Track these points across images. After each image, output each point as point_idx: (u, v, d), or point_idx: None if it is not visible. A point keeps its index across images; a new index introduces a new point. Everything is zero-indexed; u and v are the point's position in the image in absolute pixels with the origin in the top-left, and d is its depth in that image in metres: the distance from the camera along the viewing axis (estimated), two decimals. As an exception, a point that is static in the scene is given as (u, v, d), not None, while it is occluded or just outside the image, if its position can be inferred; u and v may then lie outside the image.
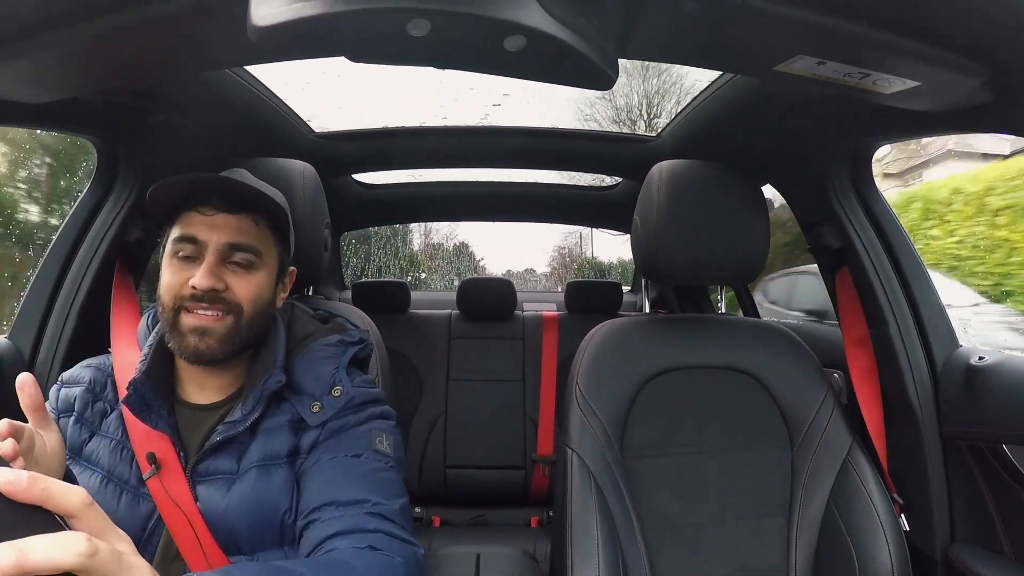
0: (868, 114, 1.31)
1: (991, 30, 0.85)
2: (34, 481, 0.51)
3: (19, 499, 0.50)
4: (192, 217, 1.06)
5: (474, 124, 2.19)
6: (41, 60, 0.94)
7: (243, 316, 1.06)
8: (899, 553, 1.27)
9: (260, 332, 1.11)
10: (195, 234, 1.05)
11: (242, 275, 1.07)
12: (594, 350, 1.45)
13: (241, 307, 1.06)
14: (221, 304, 1.04)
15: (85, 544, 0.49)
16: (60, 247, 1.51)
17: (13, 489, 0.50)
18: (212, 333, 1.03)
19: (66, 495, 0.53)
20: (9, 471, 0.50)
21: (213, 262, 1.04)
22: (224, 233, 1.05)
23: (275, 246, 1.13)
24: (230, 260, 1.06)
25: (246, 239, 1.07)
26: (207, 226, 1.05)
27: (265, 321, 1.12)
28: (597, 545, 1.24)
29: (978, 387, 1.34)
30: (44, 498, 0.51)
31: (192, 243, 1.05)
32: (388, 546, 0.94)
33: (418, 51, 0.74)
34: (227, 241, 1.05)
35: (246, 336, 1.07)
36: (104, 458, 1.07)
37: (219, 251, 1.04)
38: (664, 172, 1.45)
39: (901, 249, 1.53)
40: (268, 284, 1.11)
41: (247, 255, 1.07)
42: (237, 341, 1.06)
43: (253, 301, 1.07)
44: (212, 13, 0.84)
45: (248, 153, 1.52)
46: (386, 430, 1.11)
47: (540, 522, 2.57)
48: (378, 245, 10.01)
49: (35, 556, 0.46)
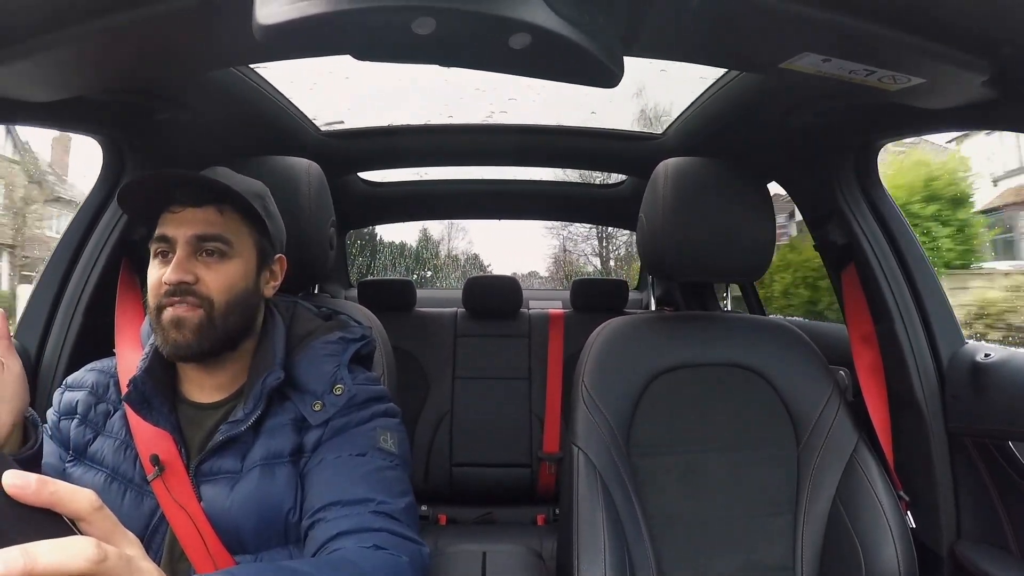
0: (873, 111, 1.30)
1: (997, 27, 0.85)
2: (43, 484, 0.50)
3: (27, 502, 0.49)
4: (164, 217, 1.07)
5: (480, 122, 2.18)
6: (47, 59, 0.94)
7: (215, 308, 1.05)
8: (905, 550, 1.27)
9: (241, 323, 1.11)
10: (166, 232, 1.06)
11: (213, 266, 1.07)
12: (600, 348, 1.45)
13: (211, 299, 1.05)
14: (192, 296, 1.04)
15: (94, 550, 0.48)
16: (66, 245, 1.52)
17: (21, 492, 0.49)
18: (186, 323, 1.03)
19: (75, 498, 0.52)
20: (17, 473, 0.50)
21: (183, 256, 1.04)
22: (191, 226, 1.06)
23: (249, 234, 1.13)
24: (200, 252, 1.07)
25: (212, 229, 1.07)
26: (176, 222, 1.06)
27: (246, 311, 1.11)
28: (603, 543, 1.24)
29: (984, 384, 1.33)
30: (52, 501, 0.50)
31: (165, 241, 1.06)
32: (394, 545, 0.94)
33: (423, 49, 0.74)
34: (193, 233, 1.06)
35: (222, 327, 1.07)
36: (108, 457, 1.08)
37: (188, 244, 1.05)
38: (669, 169, 1.45)
39: (907, 246, 1.52)
40: (243, 273, 1.10)
41: (216, 244, 1.07)
42: (213, 334, 1.05)
43: (225, 291, 1.07)
44: (217, 12, 0.84)
45: (254, 151, 1.52)
46: (390, 428, 1.11)
47: (546, 520, 2.57)
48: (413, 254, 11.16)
49: (43, 561, 0.46)
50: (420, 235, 13.18)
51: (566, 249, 13.89)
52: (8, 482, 0.49)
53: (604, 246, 13.66)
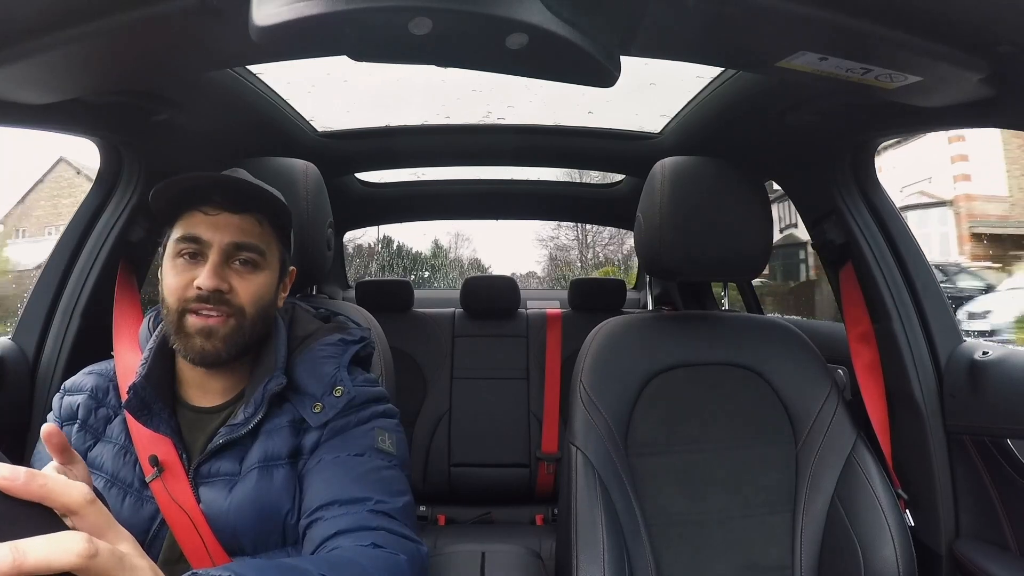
0: (870, 109, 1.30)
1: (993, 25, 0.85)
2: (32, 477, 0.50)
3: (17, 495, 0.49)
4: (195, 217, 1.05)
5: (477, 123, 2.18)
6: (44, 61, 0.94)
7: (246, 318, 1.06)
8: (904, 548, 1.26)
9: (262, 333, 1.11)
10: (199, 234, 1.04)
11: (246, 275, 1.06)
12: (598, 347, 1.45)
13: (244, 309, 1.05)
14: (224, 306, 1.03)
15: (84, 544, 0.48)
16: (64, 248, 1.52)
17: (11, 485, 0.49)
18: (217, 334, 1.03)
19: (66, 491, 0.51)
20: (6, 467, 0.49)
21: (218, 262, 1.03)
22: (228, 233, 1.05)
23: (277, 246, 1.13)
24: (234, 260, 1.06)
25: (250, 239, 1.06)
26: (210, 225, 1.04)
27: (267, 322, 1.12)
28: (602, 542, 1.24)
29: (982, 382, 1.33)
30: (43, 495, 0.50)
31: (195, 243, 1.04)
32: (392, 544, 0.94)
33: (420, 49, 0.74)
34: (231, 240, 1.05)
35: (249, 337, 1.07)
36: (108, 462, 1.07)
37: (223, 251, 1.04)
38: (667, 169, 1.45)
39: (904, 244, 1.52)
40: (270, 284, 1.11)
41: (251, 255, 1.07)
42: (241, 343, 1.06)
43: (256, 302, 1.07)
44: (214, 13, 0.84)
45: (251, 153, 1.52)
46: (389, 428, 1.11)
47: (545, 520, 2.57)
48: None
49: (33, 556, 0.45)
50: (432, 245, 14.86)
51: (553, 257, 15.63)
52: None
53: (582, 256, 15.54)
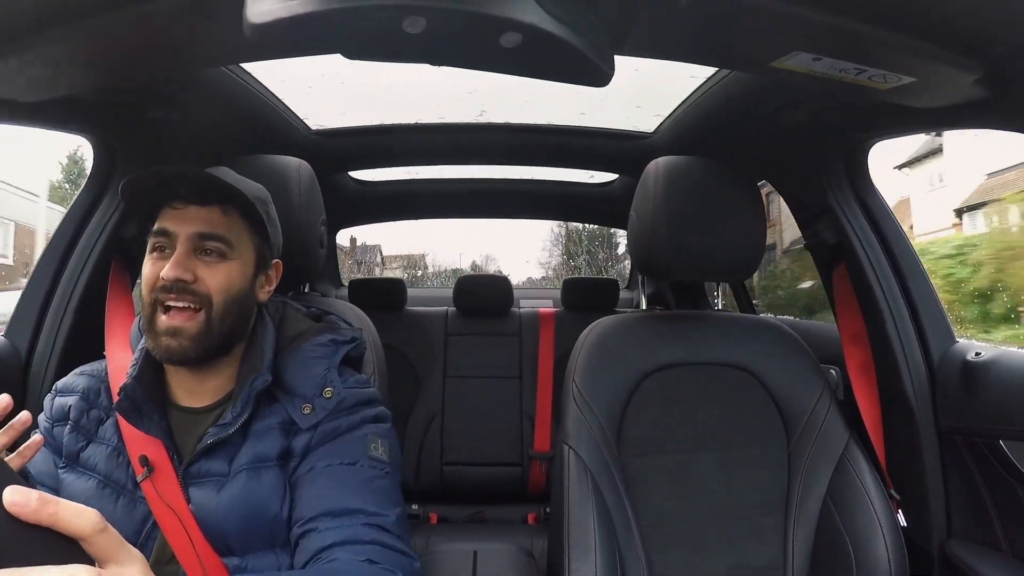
0: (864, 110, 1.31)
1: (987, 27, 0.85)
2: (43, 504, 0.49)
3: (27, 520, 0.48)
4: (165, 212, 1.07)
5: (470, 121, 2.18)
6: (36, 58, 0.93)
7: (213, 308, 1.05)
8: (896, 549, 1.27)
9: (237, 326, 1.10)
10: (166, 227, 1.06)
11: (212, 265, 1.06)
12: (591, 347, 1.44)
13: (210, 298, 1.05)
14: (190, 296, 1.04)
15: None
16: (56, 245, 1.51)
17: (21, 511, 0.48)
18: (183, 333, 1.03)
19: (76, 519, 0.50)
20: (19, 490, 0.48)
21: (183, 252, 1.04)
22: (194, 224, 1.06)
23: (249, 237, 1.13)
24: (202, 251, 1.06)
25: (215, 229, 1.07)
26: (177, 218, 1.06)
27: (242, 314, 1.11)
28: (594, 542, 1.24)
29: (975, 383, 1.34)
30: (52, 522, 0.49)
31: (165, 236, 1.06)
32: (386, 559, 0.94)
33: (413, 48, 0.74)
34: (196, 231, 1.05)
35: (219, 330, 1.06)
36: (101, 463, 1.07)
37: (188, 241, 1.05)
38: (660, 168, 1.45)
39: (897, 245, 1.53)
40: (241, 274, 1.10)
41: (217, 243, 1.07)
42: (209, 342, 1.05)
43: (223, 291, 1.06)
44: (208, 10, 0.84)
45: (244, 150, 1.52)
46: (381, 434, 1.11)
47: (537, 519, 2.57)
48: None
49: None
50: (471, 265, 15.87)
51: (541, 263, 17.03)
52: (8, 499, 0.48)
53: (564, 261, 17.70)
